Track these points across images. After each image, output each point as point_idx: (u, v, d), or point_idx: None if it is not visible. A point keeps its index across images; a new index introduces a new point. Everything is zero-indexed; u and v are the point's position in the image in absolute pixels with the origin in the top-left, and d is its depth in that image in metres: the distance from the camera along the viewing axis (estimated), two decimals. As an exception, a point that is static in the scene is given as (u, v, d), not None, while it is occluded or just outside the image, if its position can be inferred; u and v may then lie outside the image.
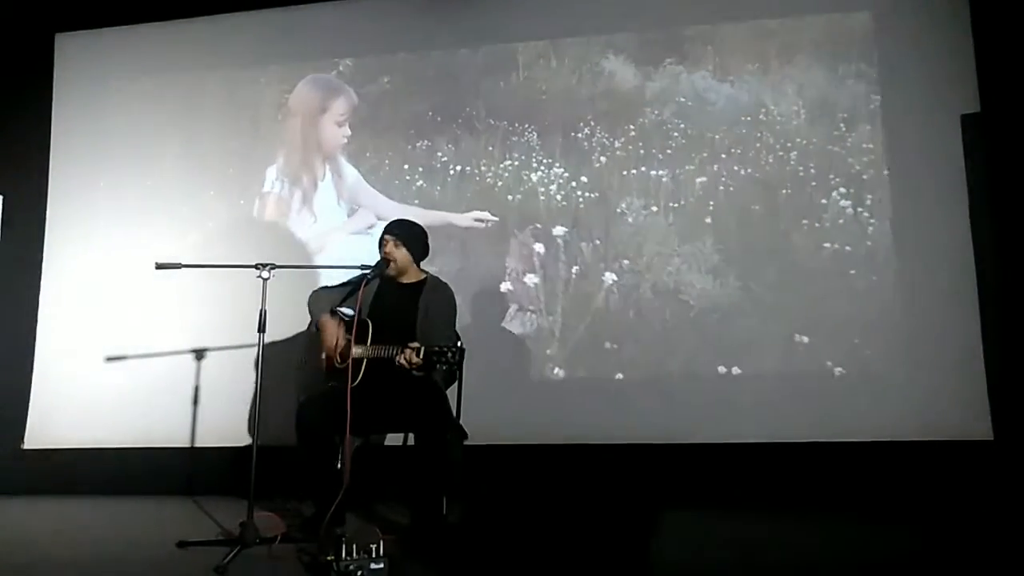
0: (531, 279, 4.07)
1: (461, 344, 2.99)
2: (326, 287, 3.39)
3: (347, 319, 3.17)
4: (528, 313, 4.03)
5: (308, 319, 3.32)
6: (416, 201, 4.27)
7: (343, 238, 4.34)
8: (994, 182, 3.65)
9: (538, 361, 3.99)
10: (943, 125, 3.74)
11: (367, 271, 3.15)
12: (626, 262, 3.99)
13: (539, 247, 4.09)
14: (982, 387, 3.55)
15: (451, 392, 3.16)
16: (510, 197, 4.19)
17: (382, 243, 3.21)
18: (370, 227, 4.25)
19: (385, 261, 3.16)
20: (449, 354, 2.74)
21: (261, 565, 2.61)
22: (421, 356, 2.78)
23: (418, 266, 3.27)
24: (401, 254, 3.18)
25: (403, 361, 2.81)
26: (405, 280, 3.22)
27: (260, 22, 4.62)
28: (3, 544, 3.05)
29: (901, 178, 3.78)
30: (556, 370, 3.96)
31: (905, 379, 3.65)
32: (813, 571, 2.53)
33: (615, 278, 3.99)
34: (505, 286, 4.09)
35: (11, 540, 3.14)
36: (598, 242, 4.04)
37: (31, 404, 4.48)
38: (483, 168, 4.24)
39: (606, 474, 3.75)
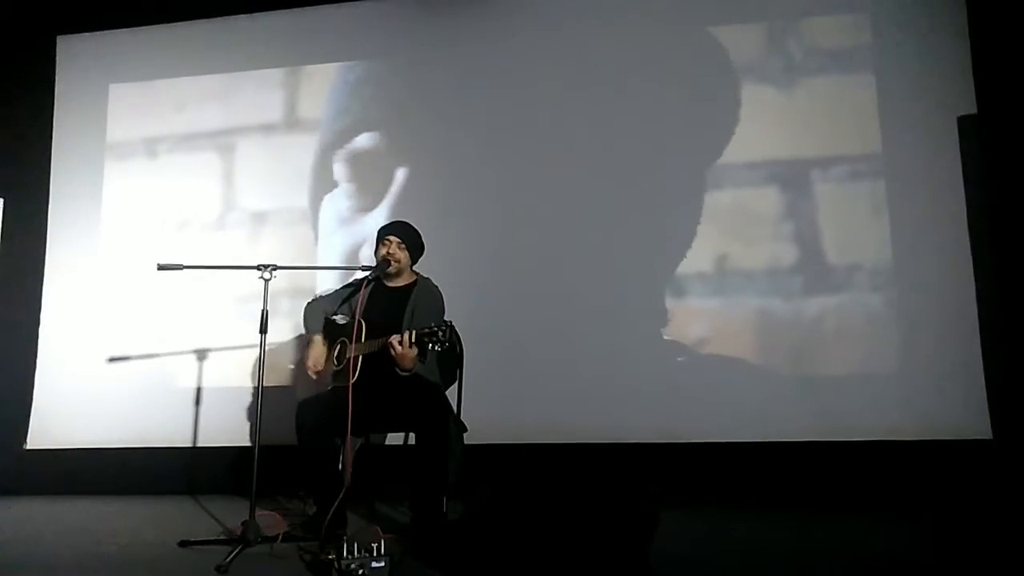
0: (530, 278, 4.08)
1: (450, 322, 2.79)
2: (321, 297, 3.39)
3: (341, 325, 3.17)
4: (528, 313, 4.03)
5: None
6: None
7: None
8: (991, 183, 3.66)
9: (538, 361, 3.98)
10: (940, 127, 3.76)
11: (368, 272, 3.16)
12: (626, 263, 4.00)
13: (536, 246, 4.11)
14: (981, 386, 3.56)
15: (451, 392, 3.17)
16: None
17: (382, 244, 3.18)
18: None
19: (387, 261, 3.13)
20: (439, 332, 2.65)
21: (263, 564, 2.61)
22: (413, 339, 2.72)
23: (412, 267, 3.26)
24: (404, 255, 3.17)
25: (396, 346, 2.75)
26: (397, 283, 3.20)
27: (262, 25, 4.62)
28: (4, 544, 3.06)
29: (899, 179, 3.79)
30: (557, 370, 3.95)
31: (904, 379, 3.65)
32: (812, 570, 2.53)
33: (614, 276, 4.00)
34: (505, 285, 4.10)
35: (13, 540, 3.15)
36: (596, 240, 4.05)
37: (33, 404, 4.50)
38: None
39: (606, 473, 3.75)
